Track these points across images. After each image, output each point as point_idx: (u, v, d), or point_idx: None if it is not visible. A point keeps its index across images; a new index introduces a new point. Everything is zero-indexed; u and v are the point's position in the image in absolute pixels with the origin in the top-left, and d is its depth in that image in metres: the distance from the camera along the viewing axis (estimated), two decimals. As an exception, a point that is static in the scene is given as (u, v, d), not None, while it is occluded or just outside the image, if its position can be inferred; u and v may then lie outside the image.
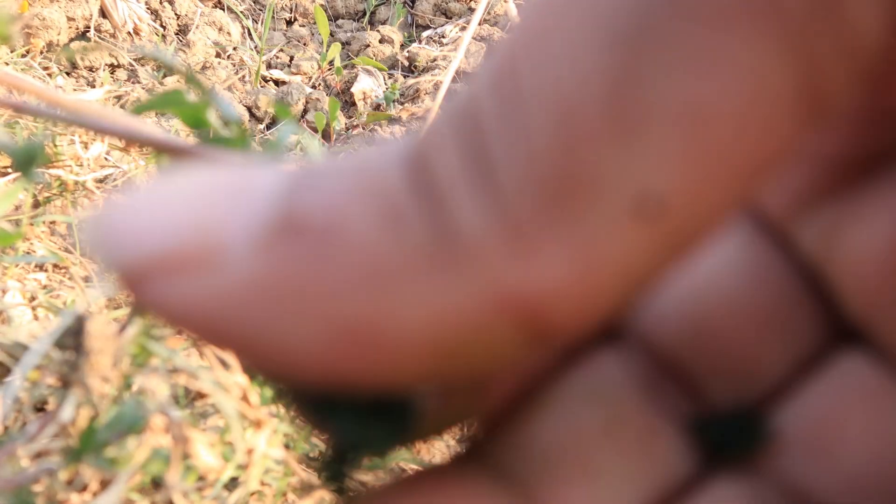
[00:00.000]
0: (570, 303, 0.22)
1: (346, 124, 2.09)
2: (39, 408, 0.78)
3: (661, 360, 0.31)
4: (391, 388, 0.24)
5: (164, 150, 0.60)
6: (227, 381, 0.74)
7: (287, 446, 0.88)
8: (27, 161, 0.62)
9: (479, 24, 1.94)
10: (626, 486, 0.28)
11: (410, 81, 1.93)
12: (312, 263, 0.22)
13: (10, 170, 1.46)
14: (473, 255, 0.22)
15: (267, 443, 0.76)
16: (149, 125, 0.73)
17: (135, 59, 2.20)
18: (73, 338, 0.70)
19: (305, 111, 2.08)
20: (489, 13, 2.37)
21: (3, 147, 0.62)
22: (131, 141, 0.60)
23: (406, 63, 2.30)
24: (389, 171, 0.23)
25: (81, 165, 1.54)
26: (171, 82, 2.08)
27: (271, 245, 0.22)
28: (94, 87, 2.03)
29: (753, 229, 0.32)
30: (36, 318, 1.29)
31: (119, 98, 2.01)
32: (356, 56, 2.31)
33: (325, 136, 2.01)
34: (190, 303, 0.22)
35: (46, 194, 1.52)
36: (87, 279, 1.34)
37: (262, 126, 2.03)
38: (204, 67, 2.20)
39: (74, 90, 1.94)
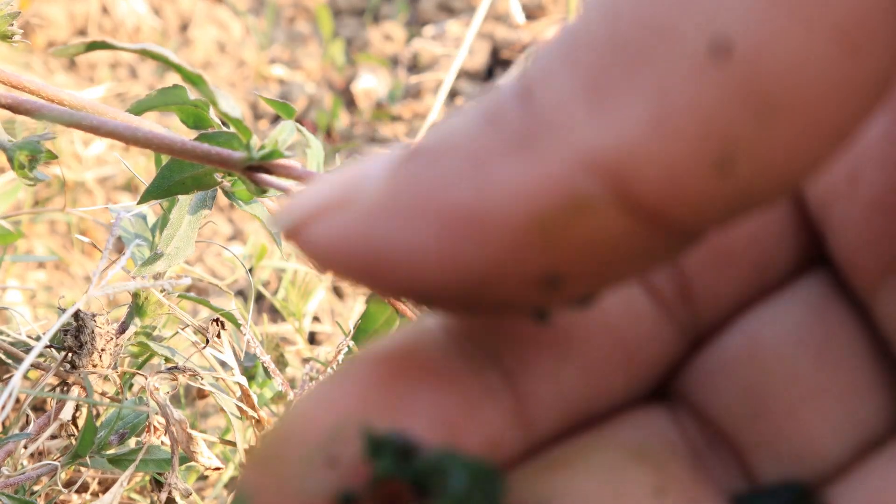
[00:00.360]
0: (649, 159, 0.23)
1: (348, 122, 2.08)
2: (39, 407, 0.78)
3: (711, 425, 0.31)
4: (511, 286, 0.25)
5: (164, 150, 0.60)
6: (227, 381, 0.74)
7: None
8: (28, 160, 0.61)
9: (483, 21, 1.94)
10: None
11: (413, 79, 1.93)
12: (426, 169, 0.25)
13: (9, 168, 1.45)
14: (558, 123, 0.24)
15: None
16: (149, 123, 0.72)
17: (136, 57, 2.19)
18: (73, 337, 0.70)
19: (307, 109, 2.07)
20: (492, 10, 2.37)
21: (2, 146, 0.62)
22: (131, 140, 0.59)
23: (409, 60, 2.30)
24: (498, 90, 0.26)
25: (81, 164, 1.54)
26: (171, 79, 2.08)
27: (395, 171, 0.25)
28: (94, 84, 2.03)
29: (827, 290, 0.31)
30: (36, 317, 1.29)
31: (120, 95, 2.00)
32: (358, 53, 2.31)
33: (328, 134, 2.01)
34: (332, 234, 0.26)
35: (46, 193, 1.51)
36: (87, 278, 1.33)
37: (263, 124, 2.03)
38: (205, 65, 2.20)
39: (75, 87, 1.94)
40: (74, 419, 0.70)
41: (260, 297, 1.32)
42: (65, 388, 0.70)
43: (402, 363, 0.28)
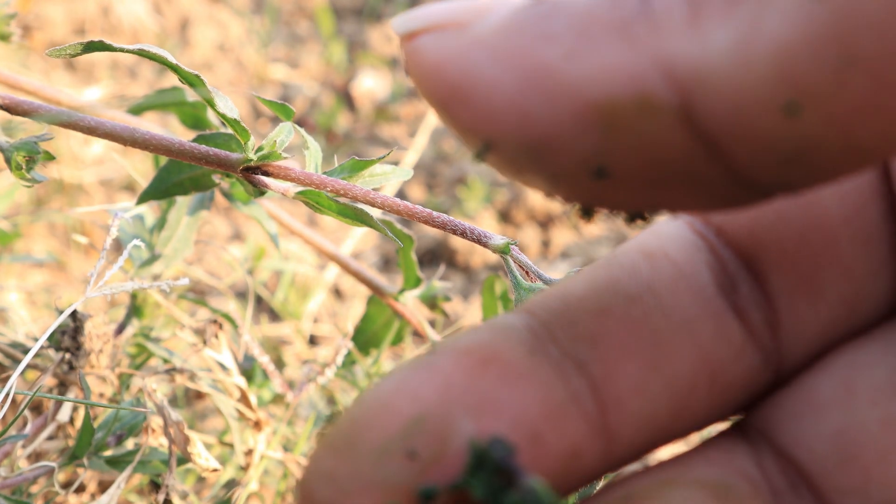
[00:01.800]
0: (721, 83, 0.24)
1: (348, 123, 2.08)
2: (36, 408, 0.77)
3: (795, 467, 0.30)
4: (563, 157, 0.27)
5: (162, 151, 0.59)
6: (226, 382, 0.73)
7: (286, 448, 0.88)
8: (26, 161, 0.61)
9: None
10: None
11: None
12: (537, 21, 0.27)
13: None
14: (658, 24, 0.25)
15: (266, 444, 0.76)
16: (148, 124, 0.72)
17: (135, 57, 2.19)
18: (70, 338, 0.70)
19: (307, 110, 2.07)
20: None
21: (0, 147, 0.61)
22: (129, 141, 0.59)
23: (408, 61, 2.30)
24: None
25: (80, 164, 1.54)
26: (170, 80, 2.08)
27: (515, 13, 0.27)
28: (93, 84, 2.03)
29: None
30: (34, 317, 1.29)
31: (119, 96, 2.00)
32: (359, 53, 2.31)
33: (328, 134, 2.00)
34: (436, 50, 0.27)
35: (44, 194, 1.51)
36: (85, 279, 1.33)
37: (263, 124, 2.03)
38: (204, 65, 2.20)
39: (74, 88, 1.93)
40: (72, 420, 0.70)
41: (259, 298, 1.31)
42: (62, 389, 0.70)
43: (487, 359, 0.28)
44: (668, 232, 0.32)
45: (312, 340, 1.26)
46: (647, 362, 0.29)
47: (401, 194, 1.77)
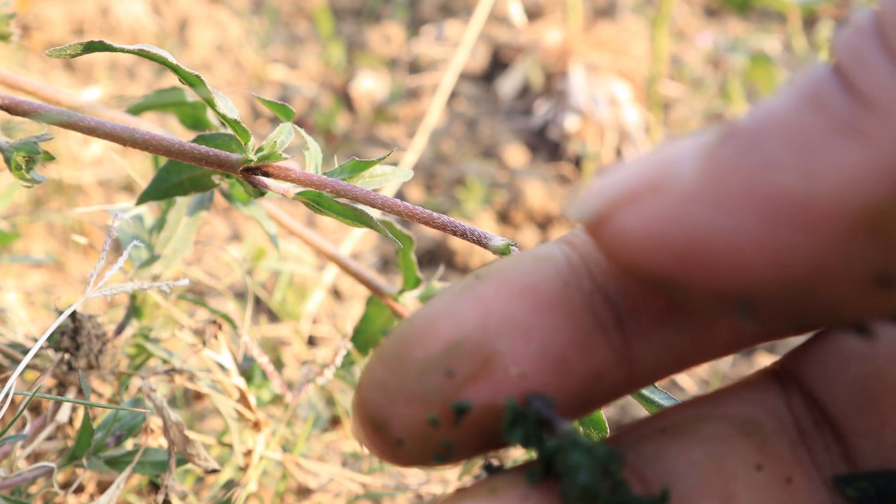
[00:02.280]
0: None
1: (347, 123, 2.08)
2: (35, 408, 0.77)
3: (820, 409, 0.32)
4: (839, 283, 0.25)
5: (162, 151, 0.59)
6: (225, 383, 0.73)
7: (285, 448, 0.87)
8: (26, 161, 0.61)
9: (482, 23, 1.94)
10: None
11: (412, 80, 1.93)
12: (748, 152, 0.25)
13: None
14: (885, 109, 0.24)
15: (265, 445, 0.76)
16: (147, 125, 0.72)
17: (134, 58, 2.19)
18: (69, 338, 0.70)
19: (307, 110, 2.07)
20: (492, 11, 2.36)
21: (0, 147, 0.61)
22: (129, 142, 0.59)
23: (408, 61, 2.29)
24: (811, 73, 0.26)
25: (79, 165, 1.53)
26: (169, 80, 2.07)
27: (711, 153, 0.26)
28: (92, 85, 2.03)
29: None
30: (33, 318, 1.29)
31: (118, 97, 2.00)
32: (357, 54, 2.30)
33: (327, 135, 2.00)
34: (644, 222, 0.26)
35: (43, 194, 1.51)
36: (84, 280, 1.33)
37: (262, 124, 2.02)
38: (203, 66, 2.20)
39: (73, 88, 1.93)
40: (71, 421, 0.70)
41: (258, 299, 1.31)
42: (61, 390, 0.70)
43: (525, 288, 0.30)
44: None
45: (311, 341, 1.25)
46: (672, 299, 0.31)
47: (399, 195, 1.77)
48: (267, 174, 0.59)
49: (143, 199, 0.67)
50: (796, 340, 0.33)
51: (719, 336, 0.32)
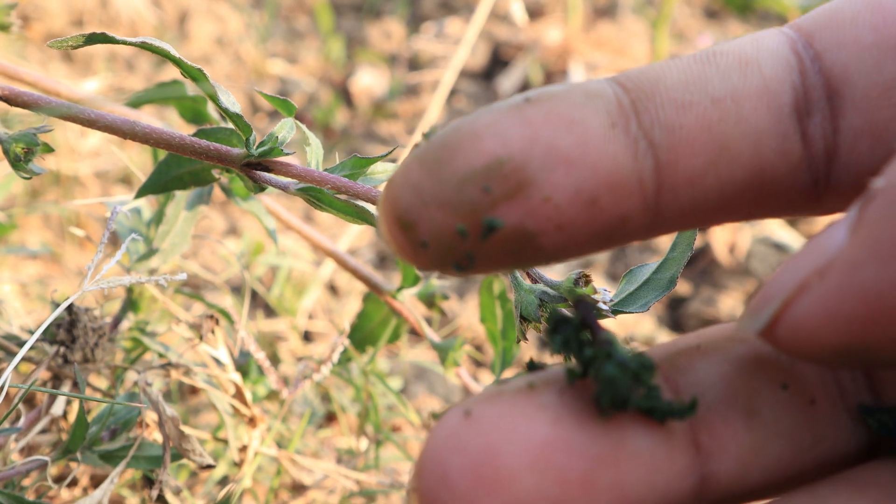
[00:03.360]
0: None
1: (346, 119, 2.07)
2: (30, 400, 0.77)
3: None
4: None
5: (162, 145, 0.59)
6: (221, 378, 0.73)
7: (280, 444, 0.87)
8: (22, 153, 0.60)
9: (483, 20, 1.94)
10: (782, 440, 0.32)
11: (412, 77, 1.92)
12: (893, 205, 0.27)
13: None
14: None
15: (260, 440, 0.75)
16: (147, 118, 0.72)
17: (133, 50, 2.18)
18: (65, 331, 0.69)
19: (306, 105, 2.07)
20: (493, 9, 2.36)
21: (-2, 137, 0.61)
22: (129, 134, 0.59)
23: (407, 58, 2.29)
24: None
25: (76, 156, 1.53)
26: (169, 73, 2.07)
27: (858, 220, 0.28)
28: (91, 76, 2.02)
29: None
30: (28, 312, 1.28)
31: (117, 89, 2.00)
32: (357, 49, 2.30)
33: (326, 130, 2.00)
34: (819, 306, 0.28)
35: (40, 185, 1.50)
36: (80, 272, 1.33)
37: (261, 119, 2.02)
38: (203, 59, 2.19)
39: (71, 79, 1.93)
40: (66, 414, 0.69)
41: (255, 294, 1.31)
42: (57, 383, 0.70)
43: (573, 121, 0.31)
44: (768, 45, 0.34)
45: (307, 336, 1.25)
46: (709, 159, 0.32)
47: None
48: (268, 169, 0.59)
49: (142, 193, 0.66)
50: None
51: (742, 204, 0.33)
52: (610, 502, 0.30)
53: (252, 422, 0.75)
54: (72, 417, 0.70)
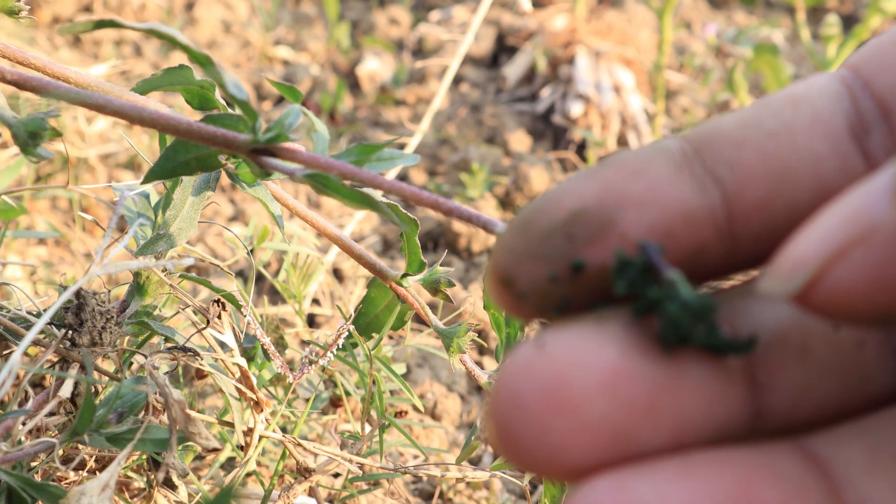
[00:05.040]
0: None
1: (352, 105, 2.08)
2: (38, 383, 0.78)
3: None
4: None
5: (170, 130, 0.59)
6: (227, 362, 0.74)
7: (284, 429, 0.88)
8: (30, 137, 0.61)
9: (489, 7, 1.95)
10: (832, 379, 0.34)
11: (418, 63, 1.93)
12: None
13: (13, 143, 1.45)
14: None
15: (265, 424, 0.76)
16: (154, 103, 0.72)
17: (141, 35, 2.19)
18: (73, 315, 0.70)
19: (311, 91, 2.07)
20: (497, -3, 2.36)
21: (5, 122, 0.61)
22: (137, 120, 0.59)
23: (414, 45, 2.29)
24: None
25: (84, 140, 1.53)
26: (176, 58, 2.07)
27: None
28: (98, 61, 2.03)
29: None
30: (36, 292, 1.29)
31: (124, 73, 2.00)
32: (363, 36, 2.30)
33: (331, 116, 2.00)
34: (861, 271, 0.29)
35: (49, 169, 1.51)
36: (88, 255, 1.33)
37: (267, 105, 2.02)
38: (210, 44, 2.19)
39: (79, 64, 1.93)
40: (73, 397, 0.70)
41: (261, 278, 1.31)
42: (64, 366, 0.70)
43: (640, 170, 0.35)
44: (819, 82, 0.37)
45: (313, 321, 1.26)
46: (772, 186, 0.35)
47: (403, 178, 1.77)
48: (274, 155, 0.59)
49: (149, 178, 0.67)
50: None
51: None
52: (671, 428, 0.32)
53: (257, 406, 0.75)
54: (79, 400, 0.70)
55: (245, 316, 0.79)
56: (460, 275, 1.48)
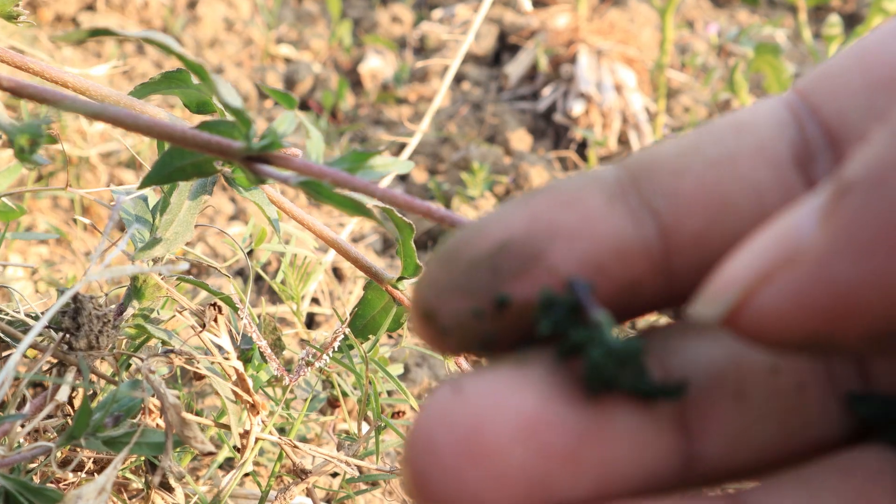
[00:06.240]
0: None
1: (353, 103, 2.08)
2: (37, 384, 0.78)
3: None
4: None
5: (165, 137, 0.60)
6: (223, 365, 0.74)
7: (282, 430, 0.88)
8: (27, 144, 0.62)
9: (490, 6, 1.95)
10: (770, 424, 0.33)
11: (419, 63, 1.93)
12: (869, 200, 0.27)
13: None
14: None
15: (262, 427, 0.77)
16: (152, 108, 0.73)
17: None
18: (70, 318, 0.71)
19: (313, 89, 2.07)
20: (500, -5, 2.36)
21: (2, 128, 0.62)
22: (133, 127, 0.60)
23: (416, 43, 2.29)
24: None
25: (86, 139, 1.54)
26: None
27: (832, 212, 0.28)
28: (101, 59, 2.03)
29: None
30: (37, 291, 1.30)
31: (126, 73, 2.00)
32: (366, 34, 2.30)
33: (333, 114, 2.01)
34: (787, 294, 0.28)
35: (50, 168, 1.52)
36: (88, 254, 1.34)
37: (270, 103, 2.03)
38: (212, 42, 2.20)
39: (82, 62, 1.94)
40: (71, 400, 0.70)
41: (259, 278, 1.32)
42: (62, 369, 0.71)
43: (572, 200, 0.33)
44: (763, 108, 0.36)
45: (311, 321, 1.26)
46: (711, 218, 0.33)
47: (404, 178, 1.77)
48: (268, 162, 0.60)
49: (145, 184, 0.67)
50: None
51: None
52: (595, 478, 0.31)
53: (254, 408, 0.76)
54: (77, 403, 0.71)
55: (242, 319, 0.79)
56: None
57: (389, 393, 0.96)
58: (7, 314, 0.76)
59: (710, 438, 0.32)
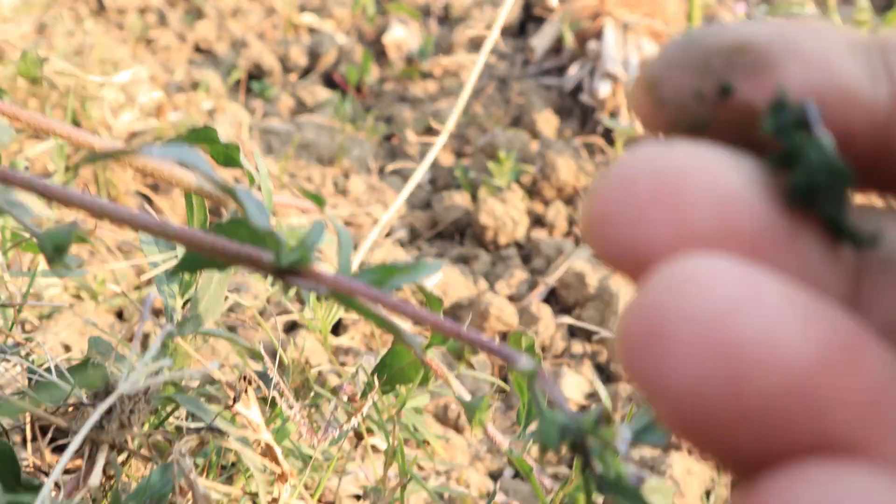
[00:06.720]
0: None
1: (378, 76, 2.06)
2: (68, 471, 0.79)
3: None
4: None
5: (194, 247, 0.60)
6: (251, 437, 0.75)
7: (307, 487, 0.89)
8: (56, 250, 0.61)
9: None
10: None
11: (444, 31, 1.91)
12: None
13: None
14: None
15: (290, 493, 0.77)
16: (178, 226, 0.73)
17: (165, 2, 2.17)
18: (103, 395, 0.71)
19: (338, 62, 2.06)
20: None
21: (31, 232, 0.62)
22: (161, 234, 0.59)
23: (440, 11, 2.27)
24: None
25: (111, 133, 1.54)
26: (201, 28, 2.06)
27: None
28: (122, 31, 2.02)
29: None
30: (65, 288, 1.31)
31: (150, 43, 1.99)
32: (389, 2, 2.28)
33: (358, 89, 1.99)
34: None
35: (76, 161, 1.52)
36: (120, 248, 1.34)
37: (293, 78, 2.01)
38: (234, 12, 2.18)
39: (104, 34, 1.93)
40: (102, 485, 0.71)
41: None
42: (93, 448, 0.72)
43: (812, 31, 0.33)
44: None
45: (339, 323, 1.27)
46: None
47: (432, 160, 1.76)
48: (299, 275, 0.60)
49: (176, 271, 0.67)
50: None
51: None
52: (764, 270, 0.30)
53: (282, 477, 0.77)
54: (110, 484, 0.72)
55: (272, 379, 0.80)
56: (486, 268, 1.48)
57: (415, 428, 0.97)
58: (35, 372, 0.76)
59: (874, 314, 0.32)
